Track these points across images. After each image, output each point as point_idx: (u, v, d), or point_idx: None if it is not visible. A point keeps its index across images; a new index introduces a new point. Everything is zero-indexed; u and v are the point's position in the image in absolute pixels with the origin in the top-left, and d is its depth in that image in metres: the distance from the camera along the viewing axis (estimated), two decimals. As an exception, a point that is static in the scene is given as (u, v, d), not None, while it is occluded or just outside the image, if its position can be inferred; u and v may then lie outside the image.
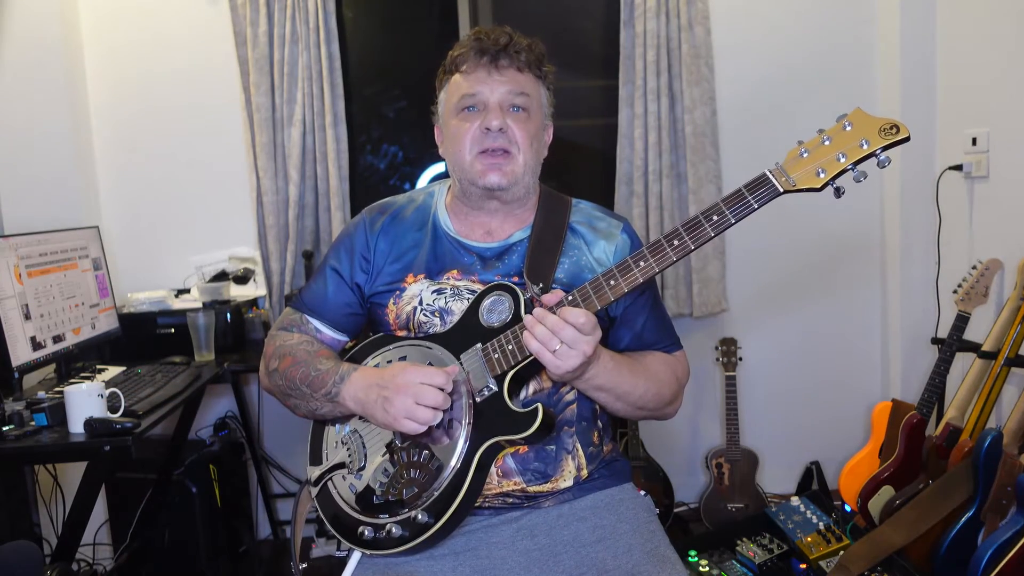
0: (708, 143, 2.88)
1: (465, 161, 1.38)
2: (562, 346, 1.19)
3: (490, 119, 1.36)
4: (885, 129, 1.14)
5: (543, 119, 1.45)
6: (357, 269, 1.45)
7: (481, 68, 1.37)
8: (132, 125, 2.93)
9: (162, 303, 2.67)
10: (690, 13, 2.82)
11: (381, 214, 1.49)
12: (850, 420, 3.08)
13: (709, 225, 1.18)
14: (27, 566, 1.56)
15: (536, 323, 1.21)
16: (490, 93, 1.37)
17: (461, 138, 1.38)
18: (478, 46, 1.37)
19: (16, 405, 1.88)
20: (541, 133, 1.44)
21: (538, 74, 1.42)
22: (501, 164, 1.37)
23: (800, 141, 1.17)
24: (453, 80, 1.41)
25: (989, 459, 1.99)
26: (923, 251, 2.85)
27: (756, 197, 1.17)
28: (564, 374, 1.23)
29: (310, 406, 1.39)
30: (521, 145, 1.38)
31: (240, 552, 2.75)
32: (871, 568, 2.14)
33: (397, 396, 1.24)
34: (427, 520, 1.25)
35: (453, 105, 1.40)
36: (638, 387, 1.35)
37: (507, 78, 1.38)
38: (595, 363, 1.27)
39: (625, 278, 1.21)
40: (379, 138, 3.22)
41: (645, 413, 1.42)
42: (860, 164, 1.15)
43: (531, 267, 1.37)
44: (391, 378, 1.26)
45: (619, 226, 1.46)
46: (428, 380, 1.24)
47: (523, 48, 1.39)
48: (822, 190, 1.16)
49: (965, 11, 2.65)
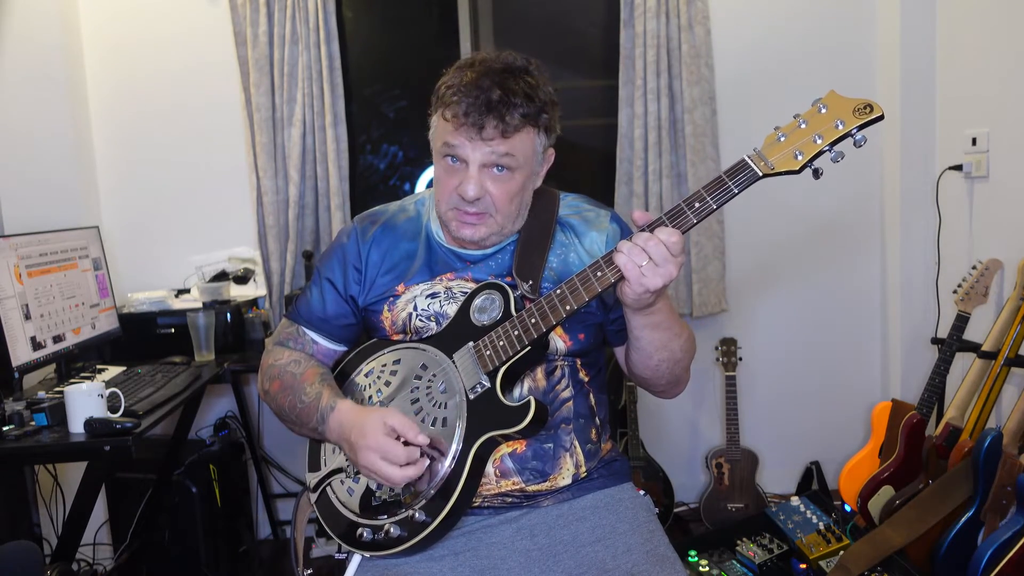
0: (708, 143, 2.88)
1: (442, 208, 1.37)
2: (649, 262, 1.17)
3: (466, 186, 1.30)
4: (859, 109, 1.15)
5: (535, 166, 1.37)
6: (350, 281, 1.45)
7: (465, 128, 1.28)
8: (132, 125, 2.93)
9: (162, 303, 2.67)
10: (690, 13, 2.82)
11: (372, 224, 1.47)
12: (850, 420, 3.08)
13: (691, 212, 1.18)
14: (27, 566, 1.56)
15: (627, 241, 1.19)
16: (471, 152, 1.30)
17: (440, 187, 1.36)
18: (466, 104, 1.27)
19: (16, 405, 1.89)
20: (530, 181, 1.38)
21: (535, 124, 1.32)
22: (476, 223, 1.35)
23: (777, 126, 1.19)
24: (441, 117, 1.33)
25: (989, 459, 1.99)
26: (923, 251, 2.85)
27: (736, 182, 1.17)
28: (642, 294, 1.20)
29: (303, 432, 1.41)
30: (499, 206, 1.34)
31: (240, 552, 2.75)
32: (871, 568, 2.14)
33: (362, 453, 1.25)
34: (425, 519, 1.26)
35: (438, 145, 1.35)
36: (682, 335, 1.35)
37: (492, 143, 1.29)
38: (664, 296, 1.27)
39: (611, 268, 1.21)
40: (379, 138, 3.22)
41: (673, 372, 1.38)
42: (837, 144, 1.17)
43: (520, 265, 1.37)
44: (359, 436, 1.26)
45: (607, 215, 1.46)
46: (386, 456, 1.23)
47: (520, 102, 1.28)
48: (800, 172, 1.17)
49: (965, 11, 2.65)
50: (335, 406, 1.33)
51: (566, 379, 1.39)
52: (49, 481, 2.36)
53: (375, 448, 1.24)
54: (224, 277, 2.82)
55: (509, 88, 1.28)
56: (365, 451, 1.25)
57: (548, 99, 1.33)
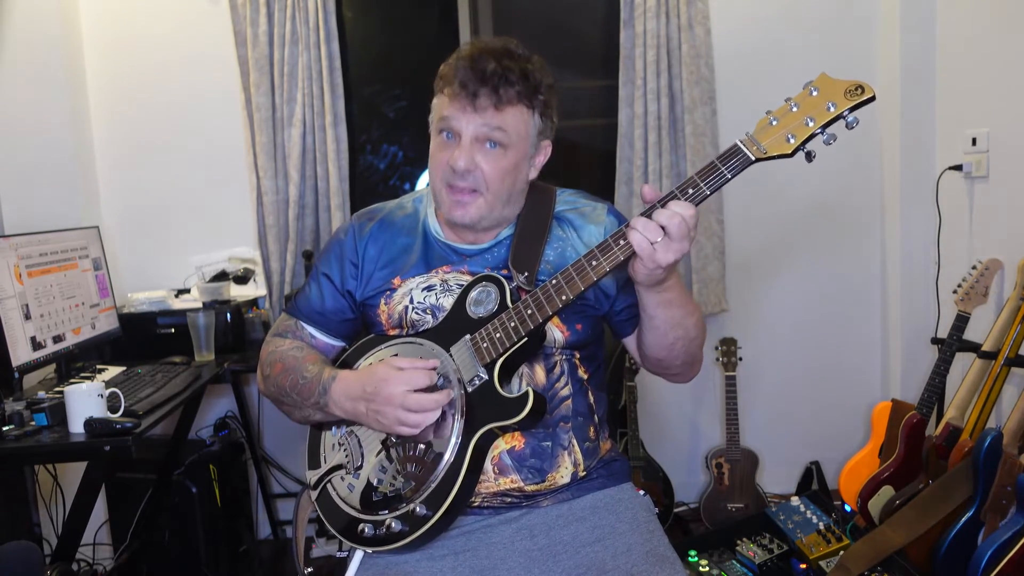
0: (708, 143, 2.88)
1: (435, 187, 1.39)
2: (664, 238, 1.17)
3: (458, 158, 1.32)
4: (850, 91, 1.16)
5: (528, 148, 1.38)
6: (348, 276, 1.46)
7: (460, 99, 1.31)
8: (132, 125, 2.93)
9: (162, 303, 2.67)
10: (690, 13, 2.82)
11: (369, 220, 1.49)
12: (850, 420, 3.08)
13: (684, 198, 1.18)
14: (27, 566, 1.56)
15: (641, 217, 1.18)
16: (465, 125, 1.32)
17: (434, 163, 1.38)
18: (463, 75, 1.30)
19: (16, 405, 1.88)
20: (523, 164, 1.38)
21: (530, 104, 1.34)
22: (467, 202, 1.35)
23: (768, 111, 1.19)
24: (438, 98, 1.38)
25: (989, 459, 1.99)
26: (923, 251, 2.85)
27: (729, 167, 1.17)
28: (654, 270, 1.20)
29: (304, 413, 1.41)
30: (490, 183, 1.34)
31: (240, 552, 2.75)
32: (871, 568, 2.14)
33: (386, 408, 1.26)
34: (425, 512, 1.26)
35: (435, 123, 1.39)
36: (694, 313, 1.35)
37: (484, 114, 1.31)
38: (675, 272, 1.27)
39: (606, 257, 1.21)
40: (379, 138, 3.22)
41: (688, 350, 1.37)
42: (829, 127, 1.16)
43: (516, 257, 1.38)
44: (374, 392, 1.27)
45: (604, 209, 1.46)
46: (412, 385, 1.26)
47: (516, 80, 1.30)
48: (793, 155, 1.17)
49: (965, 11, 2.65)
50: (336, 375, 1.35)
51: (565, 376, 1.39)
52: (49, 481, 2.36)
53: (399, 403, 1.25)
54: (224, 277, 2.82)
55: (506, 65, 1.31)
56: (388, 407, 1.26)
57: (545, 84, 1.36)
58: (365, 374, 1.32)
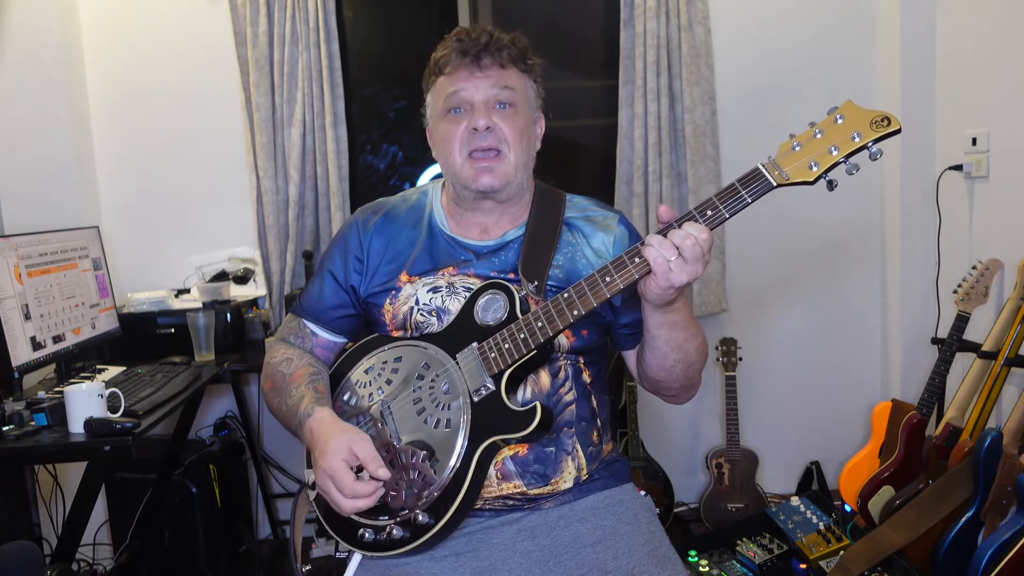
0: (708, 143, 2.88)
1: (456, 164, 1.38)
2: (678, 258, 1.17)
3: (476, 119, 1.34)
4: (876, 121, 1.14)
5: (532, 112, 1.42)
6: (351, 271, 1.45)
7: (463, 68, 1.35)
8: (132, 125, 2.93)
9: (162, 303, 2.67)
10: (690, 13, 2.82)
11: (374, 214, 1.48)
12: (850, 420, 3.08)
13: (703, 220, 1.18)
14: (27, 566, 1.56)
15: (657, 235, 1.18)
16: (474, 91, 1.35)
17: (450, 140, 1.38)
18: (459, 46, 1.35)
19: (16, 405, 1.88)
20: (531, 127, 1.42)
21: (523, 68, 1.40)
22: (493, 166, 1.36)
23: (792, 135, 1.17)
24: (438, 83, 1.40)
25: (989, 459, 1.99)
26: (923, 251, 2.85)
27: (750, 191, 1.16)
28: (667, 289, 1.19)
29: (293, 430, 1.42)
30: (510, 142, 1.36)
31: (240, 552, 2.75)
32: (871, 568, 2.14)
33: (318, 471, 1.27)
34: (427, 521, 1.25)
35: (440, 108, 1.39)
36: (697, 337, 1.35)
37: (490, 75, 1.36)
38: (683, 295, 1.27)
39: (620, 274, 1.21)
40: (379, 138, 3.22)
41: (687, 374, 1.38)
42: (852, 157, 1.15)
43: (526, 264, 1.36)
44: (320, 454, 1.27)
45: (615, 218, 1.46)
46: (339, 479, 1.24)
47: (505, 44, 1.36)
48: (815, 183, 1.15)
49: (965, 11, 2.65)
50: (312, 413, 1.34)
51: (570, 381, 1.38)
52: (49, 481, 2.36)
53: (328, 471, 1.25)
54: (224, 277, 2.82)
55: (494, 34, 1.37)
56: (319, 471, 1.26)
57: (531, 51, 1.41)
58: (323, 435, 1.29)
